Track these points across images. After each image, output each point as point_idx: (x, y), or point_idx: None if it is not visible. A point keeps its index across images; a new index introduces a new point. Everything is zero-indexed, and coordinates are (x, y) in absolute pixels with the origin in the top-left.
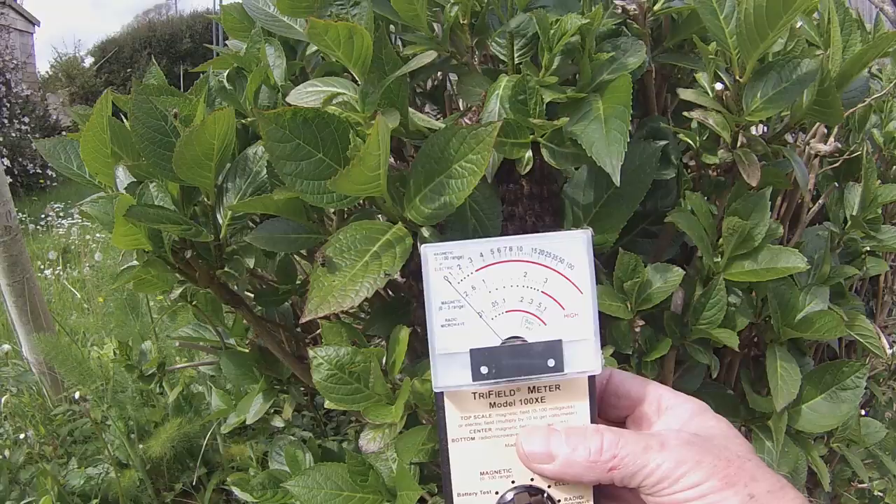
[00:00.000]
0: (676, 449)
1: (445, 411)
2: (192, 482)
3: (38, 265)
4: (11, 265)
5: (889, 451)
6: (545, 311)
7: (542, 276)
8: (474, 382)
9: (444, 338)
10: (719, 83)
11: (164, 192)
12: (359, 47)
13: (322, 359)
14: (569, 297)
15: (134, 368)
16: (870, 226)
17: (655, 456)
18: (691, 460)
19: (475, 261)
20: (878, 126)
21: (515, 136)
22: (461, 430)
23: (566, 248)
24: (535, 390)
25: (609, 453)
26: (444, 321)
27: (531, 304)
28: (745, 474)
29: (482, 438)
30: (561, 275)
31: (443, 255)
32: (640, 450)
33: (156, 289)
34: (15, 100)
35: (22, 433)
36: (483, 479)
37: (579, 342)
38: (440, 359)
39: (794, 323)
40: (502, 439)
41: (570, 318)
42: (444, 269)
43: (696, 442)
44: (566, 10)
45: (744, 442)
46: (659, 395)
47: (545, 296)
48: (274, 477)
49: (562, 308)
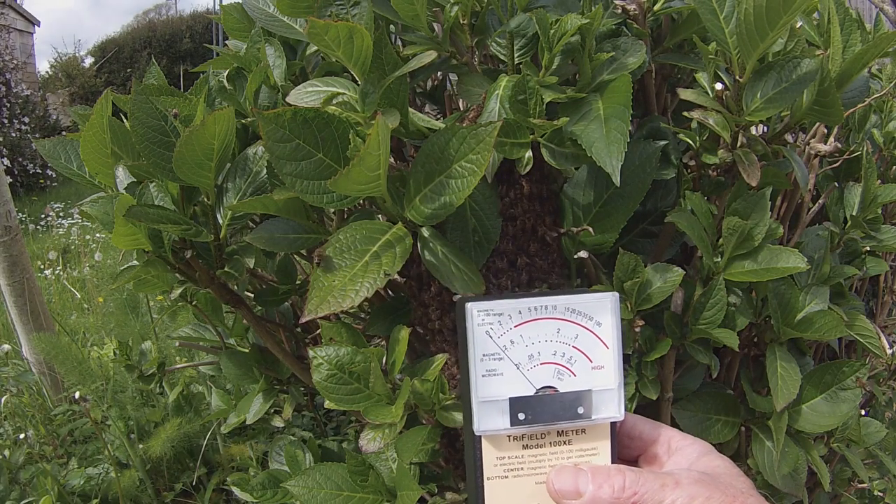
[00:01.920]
0: (689, 486)
1: (483, 452)
2: (192, 482)
3: (38, 265)
4: (11, 265)
5: (889, 451)
6: (575, 364)
7: (573, 332)
8: (512, 427)
9: (485, 386)
10: (719, 83)
11: (164, 192)
12: (359, 47)
13: (322, 359)
14: (596, 352)
15: (134, 368)
16: (870, 226)
17: (670, 493)
18: (702, 496)
19: (514, 317)
20: (878, 126)
21: (515, 136)
22: (496, 469)
23: (595, 308)
24: (563, 434)
25: (630, 490)
26: (486, 371)
27: (563, 358)
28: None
29: (515, 477)
30: (590, 331)
31: (485, 312)
32: (657, 487)
33: (156, 289)
34: (15, 100)
35: (22, 433)
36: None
37: (605, 392)
38: (481, 406)
39: (794, 323)
40: (533, 477)
41: (597, 370)
42: (486, 324)
43: (705, 480)
44: (566, 10)
45: (746, 479)
46: (669, 437)
47: (575, 350)
48: (274, 477)
49: (590, 361)
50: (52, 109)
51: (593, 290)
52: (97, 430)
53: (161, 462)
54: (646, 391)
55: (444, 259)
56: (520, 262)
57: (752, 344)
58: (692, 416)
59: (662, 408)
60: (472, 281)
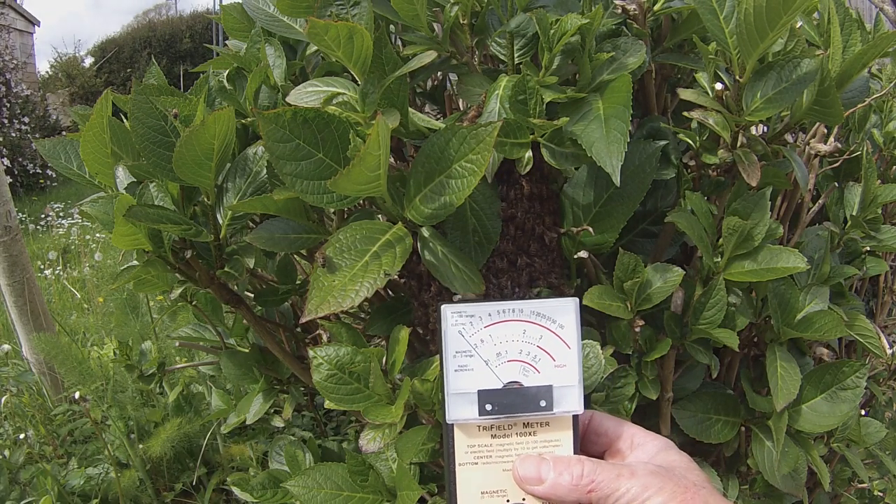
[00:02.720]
0: (643, 477)
1: (455, 440)
2: (192, 482)
3: (38, 265)
4: (11, 265)
5: (889, 451)
6: (539, 362)
7: (538, 333)
8: (480, 417)
9: (457, 380)
10: (719, 83)
11: (163, 192)
12: (359, 47)
13: (322, 359)
14: (559, 351)
15: (134, 368)
16: (870, 226)
17: (626, 482)
18: (655, 486)
19: (484, 319)
20: (878, 126)
21: (515, 136)
22: (466, 455)
23: (558, 312)
24: (528, 425)
25: (588, 478)
26: (458, 366)
27: (528, 356)
28: (700, 499)
29: (484, 464)
30: (553, 333)
31: (458, 314)
32: (613, 476)
33: (156, 289)
34: (15, 100)
35: (22, 433)
36: (483, 498)
37: (566, 388)
38: (453, 397)
39: (794, 323)
40: (500, 465)
41: (560, 368)
42: (458, 324)
43: (659, 472)
44: (566, 10)
45: (701, 473)
46: (632, 433)
47: (540, 349)
48: (274, 477)
49: (553, 360)
50: (52, 109)
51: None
52: (97, 430)
53: (161, 462)
54: (646, 391)
55: (444, 259)
56: (520, 262)
57: (752, 344)
58: (692, 416)
59: (662, 408)
60: (472, 281)
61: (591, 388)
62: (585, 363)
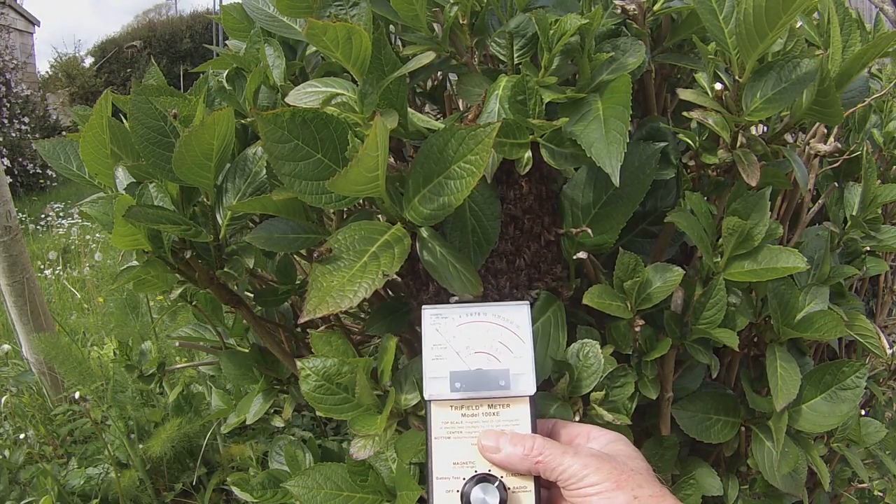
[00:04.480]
0: (585, 458)
1: (432, 416)
2: (192, 482)
3: (38, 265)
4: (11, 265)
5: (889, 451)
6: (499, 353)
7: (498, 331)
8: (451, 393)
9: (433, 366)
10: (719, 83)
11: (163, 193)
12: (357, 48)
13: (310, 370)
14: (515, 345)
15: (134, 368)
16: (870, 226)
17: (569, 459)
18: (593, 466)
19: (456, 319)
20: (878, 126)
21: (515, 136)
22: (441, 430)
23: (515, 314)
24: (493, 406)
25: (537, 451)
26: (434, 356)
27: (491, 348)
28: (634, 482)
29: (455, 438)
30: (511, 331)
31: (435, 315)
32: (559, 453)
33: (156, 289)
34: (15, 100)
35: (22, 433)
36: (454, 468)
37: (521, 374)
38: (429, 380)
39: (794, 323)
40: (469, 439)
41: (516, 358)
42: (435, 324)
43: (601, 456)
44: (566, 10)
45: (644, 463)
46: (589, 429)
47: (500, 343)
48: (274, 477)
49: (511, 351)
50: (52, 109)
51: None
52: (97, 430)
53: (161, 462)
54: (645, 391)
55: (442, 259)
56: (519, 262)
57: (752, 344)
58: (692, 416)
59: (662, 407)
60: (471, 282)
61: (591, 387)
62: (585, 362)
